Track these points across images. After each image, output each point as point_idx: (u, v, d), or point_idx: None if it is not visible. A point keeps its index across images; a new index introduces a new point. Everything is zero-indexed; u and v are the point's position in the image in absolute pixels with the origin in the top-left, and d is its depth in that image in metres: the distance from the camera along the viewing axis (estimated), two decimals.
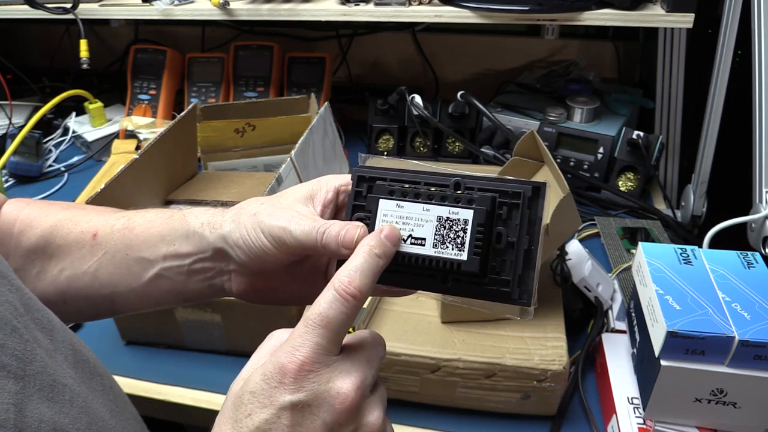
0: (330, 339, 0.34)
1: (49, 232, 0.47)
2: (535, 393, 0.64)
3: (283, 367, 0.33)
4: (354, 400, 0.34)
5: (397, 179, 0.40)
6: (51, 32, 1.58)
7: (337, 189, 0.43)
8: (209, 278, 0.45)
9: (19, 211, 0.48)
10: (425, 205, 0.38)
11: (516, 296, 0.37)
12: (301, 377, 0.33)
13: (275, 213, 0.41)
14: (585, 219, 0.98)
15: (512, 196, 0.38)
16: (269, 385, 0.33)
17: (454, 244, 0.37)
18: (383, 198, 0.39)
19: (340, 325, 0.34)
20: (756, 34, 0.71)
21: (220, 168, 1.04)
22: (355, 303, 0.34)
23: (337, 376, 0.34)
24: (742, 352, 0.53)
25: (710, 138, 0.87)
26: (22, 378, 0.31)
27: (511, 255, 0.37)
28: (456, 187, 0.39)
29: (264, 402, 0.33)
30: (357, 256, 0.36)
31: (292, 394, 0.33)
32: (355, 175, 0.41)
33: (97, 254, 0.46)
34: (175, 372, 0.76)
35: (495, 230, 0.38)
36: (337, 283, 0.35)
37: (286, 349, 0.34)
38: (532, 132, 0.77)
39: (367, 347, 0.37)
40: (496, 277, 0.38)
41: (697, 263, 0.62)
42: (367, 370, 0.35)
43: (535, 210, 0.38)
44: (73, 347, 0.38)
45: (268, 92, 1.29)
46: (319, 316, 0.34)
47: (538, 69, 1.32)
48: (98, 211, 0.49)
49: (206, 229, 0.44)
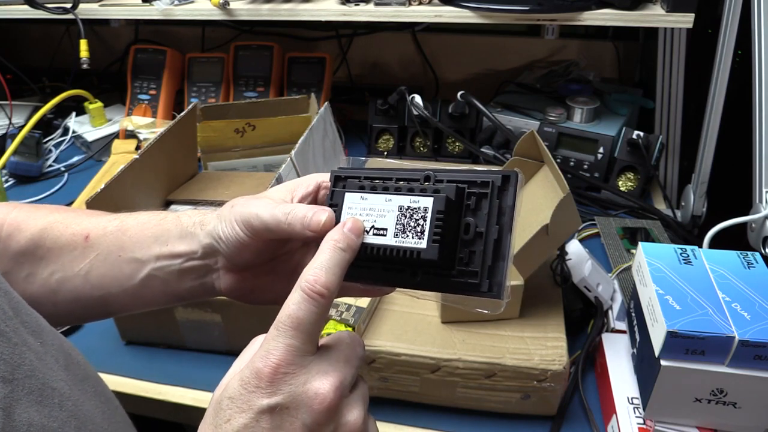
0: (303, 339, 0.34)
1: (39, 235, 0.46)
2: (535, 393, 0.64)
3: (259, 371, 0.33)
4: (332, 401, 0.34)
5: (371, 177, 0.40)
6: (51, 32, 1.58)
7: (318, 184, 0.44)
8: (200, 276, 0.45)
9: (6, 214, 0.48)
10: (387, 196, 0.38)
11: (485, 288, 0.36)
12: (276, 380, 0.33)
13: (249, 202, 0.42)
14: (585, 219, 0.98)
15: (480, 185, 0.37)
16: (246, 389, 0.33)
17: (414, 233, 0.37)
18: (349, 192, 0.40)
19: (311, 325, 0.34)
20: (756, 34, 0.71)
21: (220, 168, 1.04)
22: (323, 301, 0.34)
23: (314, 377, 0.34)
24: (742, 352, 0.53)
25: (710, 138, 0.87)
26: (10, 382, 0.30)
27: (479, 246, 0.36)
28: (426, 179, 0.38)
29: (242, 407, 0.33)
30: (321, 252, 0.36)
31: (269, 398, 0.33)
32: (332, 175, 0.42)
33: (89, 256, 0.46)
34: (175, 372, 0.76)
35: (463, 221, 0.37)
36: (303, 283, 0.35)
37: (260, 353, 0.34)
38: (532, 132, 0.77)
39: (343, 346, 0.36)
40: (464, 269, 0.37)
41: (697, 263, 0.62)
42: (345, 369, 0.35)
43: (505, 199, 0.37)
44: (64, 350, 0.37)
45: (268, 92, 1.29)
46: (289, 318, 0.34)
47: (538, 69, 1.32)
48: (89, 213, 0.49)
49: (197, 227, 0.44)
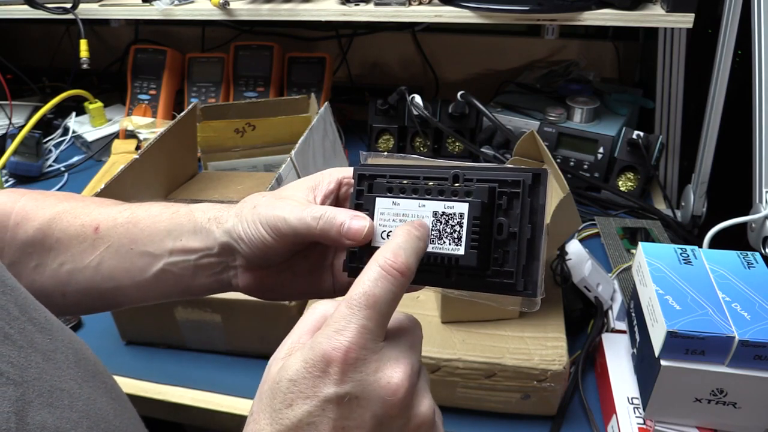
0: (377, 321, 0.31)
1: (47, 225, 0.46)
2: (535, 393, 0.64)
3: (327, 355, 0.30)
4: (406, 391, 0.31)
5: (397, 175, 0.40)
6: (51, 32, 1.58)
7: (340, 181, 0.43)
8: (216, 273, 0.44)
9: (14, 202, 0.47)
10: (421, 201, 0.37)
11: (521, 287, 0.36)
12: (347, 367, 0.30)
13: (273, 203, 0.41)
14: (585, 219, 0.98)
15: (512, 185, 0.37)
16: (311, 374, 0.30)
17: (451, 239, 0.36)
18: (380, 197, 0.39)
19: (387, 306, 0.31)
20: (756, 34, 0.71)
21: (220, 168, 1.04)
22: (403, 280, 0.32)
23: (386, 364, 0.31)
24: (742, 352, 0.53)
25: (710, 138, 0.87)
26: (21, 384, 0.30)
27: (513, 246, 0.36)
28: (455, 179, 0.38)
29: (306, 392, 0.30)
30: (397, 236, 0.34)
31: (338, 386, 0.30)
32: (356, 173, 0.41)
33: (99, 248, 0.45)
34: (175, 372, 0.76)
35: (496, 221, 0.37)
36: (381, 259, 0.32)
37: (327, 332, 0.31)
38: (532, 132, 0.77)
39: (408, 331, 0.34)
40: (499, 269, 0.37)
41: (697, 263, 0.62)
42: (412, 356, 0.33)
43: (536, 198, 0.36)
44: (74, 346, 0.37)
45: (268, 92, 1.29)
46: (364, 296, 0.31)
47: (538, 69, 1.32)
48: (98, 203, 0.48)
49: (213, 224, 0.43)
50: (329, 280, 0.45)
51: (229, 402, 0.71)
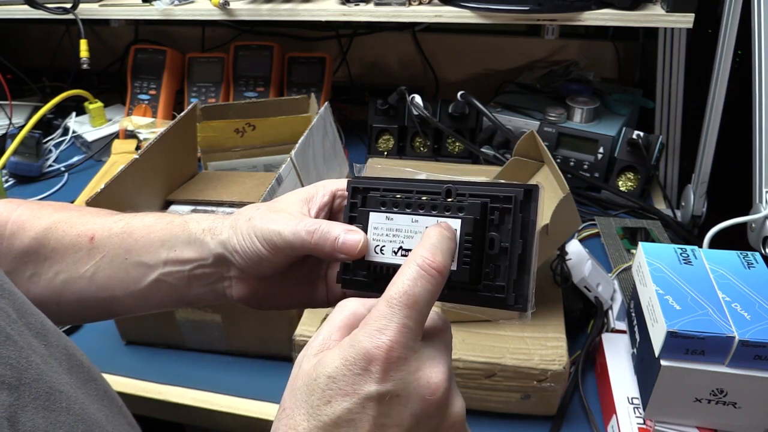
0: (417, 320, 0.31)
1: (43, 234, 0.46)
2: (535, 393, 0.64)
3: (368, 353, 0.30)
4: (445, 390, 0.32)
5: (390, 189, 0.40)
6: (51, 32, 1.58)
7: (334, 193, 0.43)
8: (210, 284, 0.45)
9: (11, 212, 0.48)
10: (414, 216, 0.38)
11: (511, 302, 0.37)
12: (389, 365, 0.30)
13: (268, 216, 0.41)
14: (585, 219, 0.98)
15: (503, 200, 0.37)
16: (351, 371, 0.30)
17: None
18: (373, 211, 0.39)
19: (426, 305, 0.32)
20: (756, 34, 0.71)
21: (220, 168, 1.04)
22: (440, 279, 0.32)
23: (425, 364, 0.32)
24: (742, 352, 0.53)
25: (710, 138, 0.87)
26: (16, 388, 0.30)
27: (504, 260, 0.37)
28: (447, 194, 0.38)
29: (346, 390, 0.30)
30: (431, 236, 0.34)
31: (379, 384, 0.30)
32: (350, 186, 0.41)
33: (94, 258, 0.45)
34: (175, 372, 0.75)
35: (487, 236, 0.37)
36: (419, 259, 0.32)
37: (368, 331, 0.31)
38: (532, 132, 0.77)
39: (443, 330, 0.35)
40: (490, 284, 0.37)
41: (697, 263, 0.62)
42: (448, 356, 0.33)
43: (528, 213, 0.37)
44: (68, 351, 0.37)
45: (268, 92, 1.29)
46: (404, 295, 0.31)
47: (538, 69, 1.32)
48: (93, 213, 0.49)
49: (207, 235, 0.44)
50: (323, 290, 0.45)
51: (229, 402, 0.71)
